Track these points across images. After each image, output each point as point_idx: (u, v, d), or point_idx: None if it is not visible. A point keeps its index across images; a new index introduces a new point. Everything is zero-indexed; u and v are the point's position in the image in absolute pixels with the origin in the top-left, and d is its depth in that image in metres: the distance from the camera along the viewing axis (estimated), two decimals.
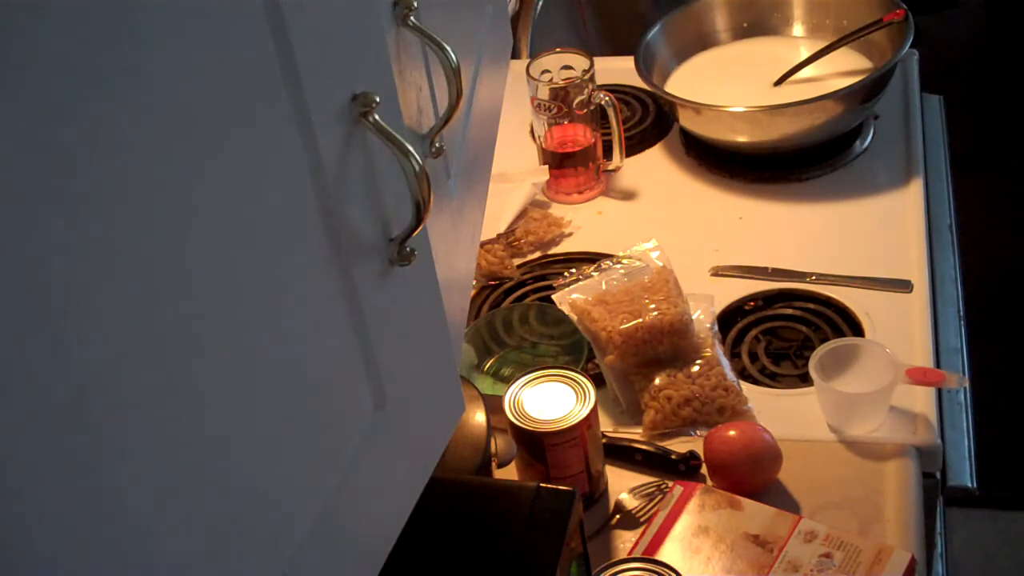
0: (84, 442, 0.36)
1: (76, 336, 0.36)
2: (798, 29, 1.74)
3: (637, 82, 1.67)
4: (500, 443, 1.11)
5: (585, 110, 1.55)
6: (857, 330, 1.33)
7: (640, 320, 1.25)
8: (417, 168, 0.57)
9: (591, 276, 1.37)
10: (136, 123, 0.39)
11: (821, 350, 1.20)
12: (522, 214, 1.57)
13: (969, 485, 1.28)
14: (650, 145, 1.70)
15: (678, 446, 1.22)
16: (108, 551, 0.38)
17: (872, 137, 1.62)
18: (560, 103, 1.54)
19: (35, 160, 0.34)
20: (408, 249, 0.59)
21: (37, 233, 0.34)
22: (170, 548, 0.42)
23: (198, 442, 0.43)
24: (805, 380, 1.26)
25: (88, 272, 0.36)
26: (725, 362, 1.28)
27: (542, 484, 0.92)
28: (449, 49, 0.70)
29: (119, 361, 0.38)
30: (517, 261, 1.52)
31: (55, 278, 0.35)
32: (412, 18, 0.68)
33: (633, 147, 1.68)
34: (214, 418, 0.44)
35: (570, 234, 1.56)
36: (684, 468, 1.19)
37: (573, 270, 1.40)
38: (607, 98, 1.54)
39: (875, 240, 1.46)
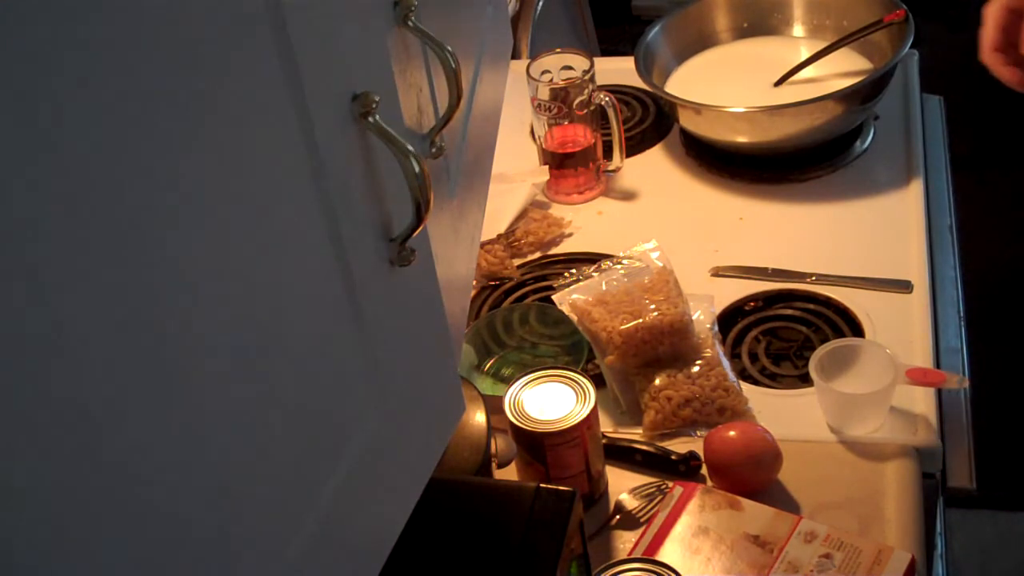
0: (84, 443, 0.36)
1: (76, 340, 0.36)
2: (798, 29, 1.74)
3: (637, 82, 1.67)
4: (500, 443, 1.11)
5: (585, 110, 1.55)
6: (857, 330, 1.33)
7: (640, 320, 1.25)
8: (417, 168, 0.57)
9: (591, 276, 1.37)
10: (135, 122, 0.39)
11: (821, 350, 1.20)
12: (522, 214, 1.57)
13: (969, 485, 1.28)
14: (650, 145, 1.70)
15: (678, 446, 1.22)
16: (106, 552, 0.38)
17: (872, 137, 1.62)
18: (560, 103, 1.54)
19: (33, 161, 0.34)
20: (408, 249, 0.59)
21: (34, 235, 0.34)
22: (171, 548, 0.42)
23: (198, 443, 0.43)
24: (805, 380, 1.26)
25: (88, 275, 0.36)
26: (725, 362, 1.28)
27: (542, 484, 0.92)
28: (449, 49, 0.70)
29: (118, 361, 0.38)
30: (517, 261, 1.52)
31: (55, 281, 0.35)
32: (412, 18, 0.68)
33: (633, 147, 1.68)
34: (213, 419, 0.44)
35: (570, 234, 1.56)
36: (684, 468, 1.19)
37: (573, 270, 1.40)
38: (607, 98, 1.54)
39: (875, 240, 1.46)
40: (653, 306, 1.27)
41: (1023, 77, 1.18)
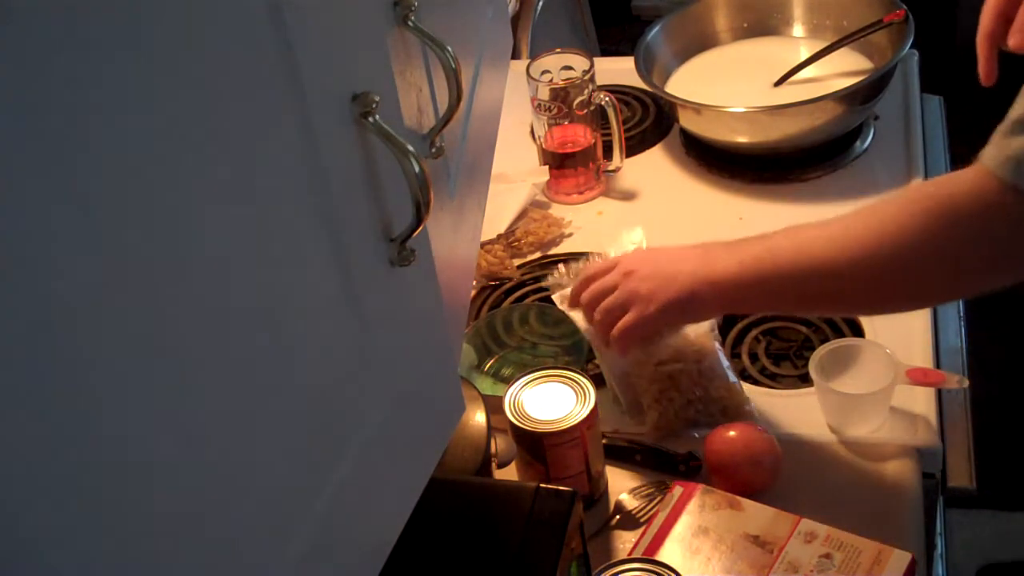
0: (82, 443, 0.36)
1: (77, 342, 0.36)
2: (798, 29, 1.74)
3: (637, 82, 1.67)
4: (500, 443, 1.11)
5: (585, 110, 1.55)
6: (857, 330, 1.33)
7: None
8: (417, 168, 0.57)
9: None
10: (136, 123, 0.39)
11: (821, 350, 1.20)
12: (522, 214, 1.57)
13: (969, 485, 1.28)
14: (650, 145, 1.70)
15: (678, 446, 1.21)
16: (106, 551, 0.38)
17: (872, 137, 1.62)
18: (560, 103, 1.54)
19: (36, 161, 0.34)
20: (408, 249, 0.59)
21: (35, 235, 0.34)
22: (170, 548, 0.42)
23: (198, 443, 0.43)
24: (805, 380, 1.26)
25: (88, 275, 0.36)
26: (725, 363, 1.28)
27: (542, 484, 0.92)
28: (449, 49, 0.70)
29: (117, 358, 0.38)
30: (517, 261, 1.52)
31: (58, 279, 0.35)
32: (412, 18, 0.68)
33: (633, 147, 1.68)
34: (213, 419, 0.44)
35: (570, 234, 1.56)
36: (684, 468, 1.19)
37: (561, 266, 1.39)
38: (607, 98, 1.54)
39: None
40: None
41: (990, 71, 1.16)
